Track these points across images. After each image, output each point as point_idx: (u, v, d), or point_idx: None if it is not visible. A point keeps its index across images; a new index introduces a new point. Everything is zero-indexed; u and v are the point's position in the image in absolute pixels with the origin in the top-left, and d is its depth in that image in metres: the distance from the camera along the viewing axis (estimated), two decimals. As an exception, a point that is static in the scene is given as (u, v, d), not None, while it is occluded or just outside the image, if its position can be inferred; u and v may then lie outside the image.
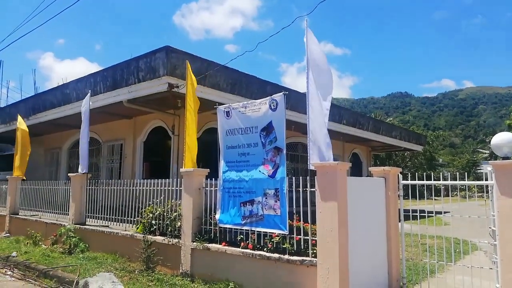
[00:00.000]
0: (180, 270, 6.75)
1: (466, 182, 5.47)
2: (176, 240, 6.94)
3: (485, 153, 60.91)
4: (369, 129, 18.49)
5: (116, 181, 9.31)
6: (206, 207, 6.86)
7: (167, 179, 7.75)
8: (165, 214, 7.37)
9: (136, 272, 6.91)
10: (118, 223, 8.73)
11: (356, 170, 21.92)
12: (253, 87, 11.99)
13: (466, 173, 5.96)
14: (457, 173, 5.65)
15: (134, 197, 8.38)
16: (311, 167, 5.37)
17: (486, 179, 5.20)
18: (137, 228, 7.91)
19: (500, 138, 5.32)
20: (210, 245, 6.39)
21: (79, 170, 9.91)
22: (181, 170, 7.22)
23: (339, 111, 16.65)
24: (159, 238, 7.22)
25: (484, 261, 7.12)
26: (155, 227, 7.48)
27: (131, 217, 8.33)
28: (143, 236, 7.35)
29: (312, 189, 5.33)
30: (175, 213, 7.17)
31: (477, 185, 5.69)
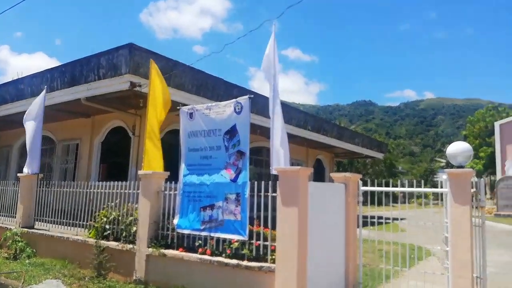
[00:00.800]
0: (134, 277, 6.55)
1: (422, 189, 5.67)
2: (131, 245, 6.73)
3: (442, 162, 63.88)
4: (333, 136, 18.88)
5: (69, 182, 8.95)
6: (164, 211, 6.71)
7: (124, 182, 7.52)
8: (120, 218, 7.14)
9: (86, 279, 6.64)
10: (70, 227, 8.38)
11: (320, 176, 22.30)
12: (219, 89, 11.93)
13: (423, 181, 6.17)
14: (414, 181, 5.85)
15: (88, 200, 8.08)
16: (274, 172, 5.40)
17: (442, 187, 5.42)
18: (90, 233, 7.61)
19: (455, 148, 5.57)
20: (166, 251, 6.24)
21: (26, 170, 9.40)
22: (139, 172, 7.04)
23: (305, 117, 16.90)
24: (112, 244, 6.98)
25: (437, 266, 7.40)
26: (109, 232, 7.22)
27: (84, 221, 8.01)
28: (96, 241, 7.07)
29: (274, 194, 5.35)
30: (131, 218, 6.96)
31: (433, 193, 5.92)
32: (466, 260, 4.96)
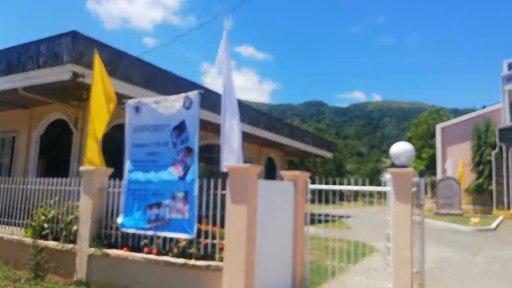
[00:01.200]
0: (75, 278, 6.23)
1: (366, 188, 5.88)
2: (72, 245, 6.39)
3: (388, 162, 67.04)
4: (284, 135, 19.15)
5: (4, 178, 8.32)
6: (108, 210, 6.45)
7: (65, 178, 7.12)
8: (60, 216, 6.76)
9: (22, 281, 6.21)
10: (4, 226, 7.84)
11: (271, 174, 22.55)
12: (169, 83, 11.66)
13: (370, 180, 6.47)
14: (360, 180, 6.06)
15: (25, 197, 7.58)
16: (223, 170, 5.35)
17: (385, 186, 5.65)
18: (27, 232, 7.14)
19: (398, 148, 5.83)
20: (110, 250, 5.99)
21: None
22: (81, 168, 6.69)
23: (257, 115, 16.98)
24: (51, 243, 6.59)
25: (380, 262, 7.75)
26: (47, 231, 6.81)
27: (21, 220, 7.51)
28: (33, 241, 6.63)
29: (223, 192, 5.30)
30: (72, 216, 6.61)
31: (378, 192, 6.16)
32: (406, 256, 5.21)
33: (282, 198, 5.96)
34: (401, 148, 5.77)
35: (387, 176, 5.64)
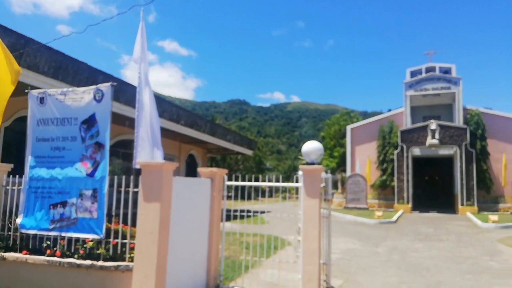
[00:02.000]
0: (-37, 287, 5.51)
1: (280, 184, 6.05)
2: (-40, 250, 5.64)
3: (304, 160, 70.15)
4: (206, 132, 19.00)
5: None
6: (6, 209, 5.81)
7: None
8: None
9: None
10: None
11: (192, 171, 22.25)
12: (82, 74, 10.88)
13: (287, 176, 6.70)
14: (277, 177, 6.22)
15: None
16: (136, 166, 5.11)
17: (298, 182, 5.86)
18: None
19: (308, 147, 6.09)
20: (6, 254, 5.41)
21: None
22: (-28, 164, 5.94)
23: (178, 111, 16.60)
24: None
25: (292, 255, 8.05)
26: None
27: None
28: None
29: (135, 189, 5.07)
30: (-40, 217, 5.84)
31: (295, 188, 6.37)
32: (314, 248, 5.46)
33: (198, 195, 5.87)
34: (311, 147, 6.02)
35: (299, 173, 5.86)
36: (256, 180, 6.21)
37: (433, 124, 24.53)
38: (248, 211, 6.40)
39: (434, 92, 26.62)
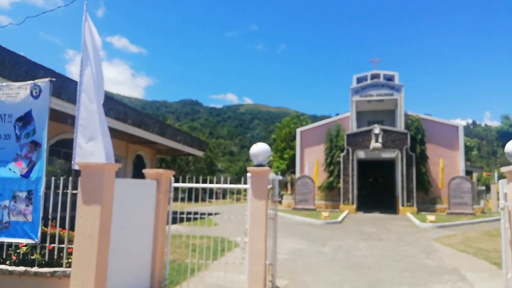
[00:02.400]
0: None
1: (229, 185, 6.04)
2: None
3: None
4: (154, 132, 18.53)
5: None
6: None
7: None
8: None
9: None
10: None
11: (140, 172, 21.59)
12: (20, 69, 10.19)
13: (239, 178, 6.72)
14: (228, 178, 6.20)
15: None
16: (75, 167, 4.87)
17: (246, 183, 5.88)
18: None
19: (256, 148, 6.12)
20: None
21: None
22: None
23: (125, 109, 16.04)
24: None
25: (239, 257, 8.06)
26: None
27: None
28: None
29: (74, 192, 4.82)
30: None
31: (244, 189, 6.38)
32: (260, 249, 5.50)
33: (143, 197, 5.71)
34: (259, 149, 6.07)
35: (248, 174, 5.88)
36: (204, 182, 6.16)
37: (376, 129, 25.70)
38: (197, 213, 6.32)
39: (378, 98, 27.94)
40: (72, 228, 4.75)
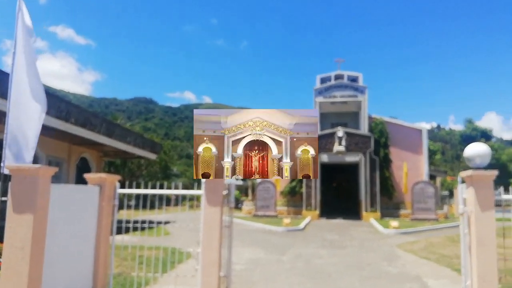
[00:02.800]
0: None
1: (181, 191, 5.96)
2: None
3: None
4: (101, 132, 17.98)
5: None
6: None
7: None
8: None
9: None
10: None
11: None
12: None
13: (198, 183, 6.61)
14: (183, 183, 6.11)
15: None
16: (5, 171, 4.63)
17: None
18: None
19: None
20: None
21: None
22: None
23: (67, 107, 15.46)
24: None
25: (191, 269, 7.99)
26: None
27: None
28: None
29: (4, 198, 4.58)
30: None
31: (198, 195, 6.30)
32: (214, 259, 5.48)
33: (83, 204, 5.52)
34: (213, 151, 6.04)
35: (203, 180, 5.83)
36: (157, 187, 6.03)
37: (340, 131, 26.40)
38: (146, 221, 6.18)
39: (342, 100, 28.73)
40: (1, 239, 4.51)
